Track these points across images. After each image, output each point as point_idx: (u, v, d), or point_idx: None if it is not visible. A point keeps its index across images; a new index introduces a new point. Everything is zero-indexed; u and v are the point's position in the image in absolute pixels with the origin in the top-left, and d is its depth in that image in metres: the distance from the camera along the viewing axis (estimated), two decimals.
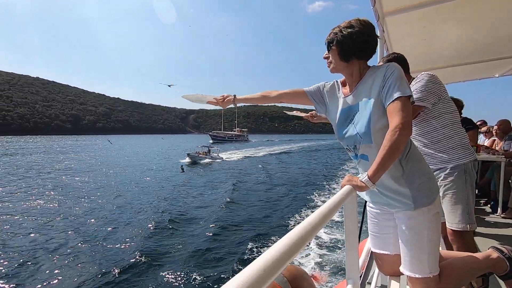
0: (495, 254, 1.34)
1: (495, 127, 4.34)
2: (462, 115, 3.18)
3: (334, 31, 1.22)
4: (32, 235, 8.84)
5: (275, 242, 0.52)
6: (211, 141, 72.67)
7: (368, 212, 1.47)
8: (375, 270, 1.63)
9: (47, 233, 9.00)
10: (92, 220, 10.26)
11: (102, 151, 47.56)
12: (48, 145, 64.77)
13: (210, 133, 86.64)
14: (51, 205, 12.35)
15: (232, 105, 1.52)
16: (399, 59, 1.88)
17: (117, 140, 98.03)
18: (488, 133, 5.20)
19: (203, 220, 10.09)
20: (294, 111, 2.27)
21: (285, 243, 0.52)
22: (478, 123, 5.29)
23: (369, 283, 1.72)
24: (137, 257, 7.04)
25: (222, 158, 31.82)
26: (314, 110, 2.08)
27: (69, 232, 9.10)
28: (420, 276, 1.19)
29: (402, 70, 1.15)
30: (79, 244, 8.08)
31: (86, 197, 13.94)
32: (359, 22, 1.19)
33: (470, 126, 3.16)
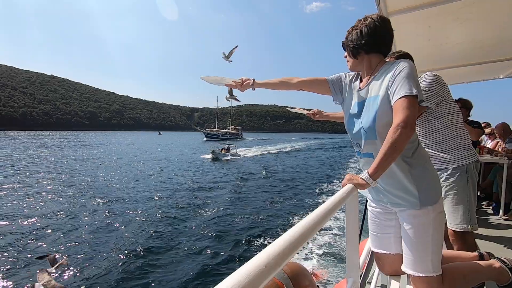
0: (497, 264, 1.35)
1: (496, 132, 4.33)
2: (470, 117, 3.17)
3: (347, 31, 1.28)
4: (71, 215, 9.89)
5: (276, 238, 0.52)
6: (205, 139, 71.06)
7: (369, 212, 1.47)
8: (375, 269, 1.63)
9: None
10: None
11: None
12: (86, 139, 71.47)
13: (204, 130, 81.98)
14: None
15: (250, 89, 1.47)
16: (405, 58, 1.88)
17: (136, 136, 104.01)
18: (492, 135, 5.18)
19: (207, 215, 10.20)
20: (296, 108, 2.24)
21: (286, 239, 0.52)
22: (483, 125, 5.26)
23: (369, 283, 1.72)
24: (140, 248, 7.21)
25: (239, 155, 33.28)
26: (316, 108, 2.09)
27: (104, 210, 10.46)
28: (423, 275, 1.19)
29: (415, 68, 1.14)
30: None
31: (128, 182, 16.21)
32: (364, 18, 1.23)
33: (476, 125, 3.15)
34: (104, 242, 7.74)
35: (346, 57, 1.32)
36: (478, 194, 4.30)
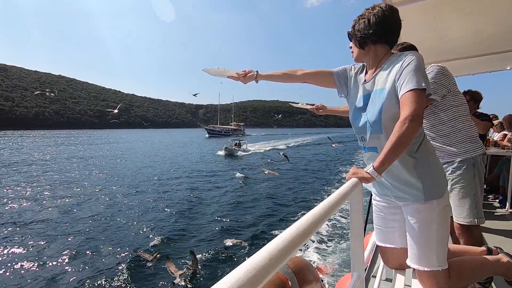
0: (505, 259, 1.34)
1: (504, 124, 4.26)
2: (479, 109, 3.11)
3: (354, 20, 1.25)
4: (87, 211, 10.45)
5: (280, 233, 0.52)
6: (207, 135, 70.54)
7: (373, 206, 1.46)
8: (380, 263, 1.63)
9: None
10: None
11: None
12: (105, 137, 76.24)
13: (206, 127, 79.76)
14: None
15: (254, 81, 1.42)
16: (410, 49, 1.84)
17: (147, 134, 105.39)
18: (496, 127, 5.09)
19: (209, 212, 10.27)
20: (300, 104, 2.23)
21: (290, 234, 0.52)
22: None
23: (374, 276, 1.72)
24: (147, 242, 7.45)
25: (250, 150, 33.60)
26: (320, 103, 2.07)
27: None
28: (428, 270, 1.19)
29: (423, 60, 1.11)
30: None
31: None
32: (372, 7, 1.20)
33: (485, 118, 3.09)
34: (121, 228, 8.48)
35: (351, 47, 1.29)
36: (484, 187, 4.26)
